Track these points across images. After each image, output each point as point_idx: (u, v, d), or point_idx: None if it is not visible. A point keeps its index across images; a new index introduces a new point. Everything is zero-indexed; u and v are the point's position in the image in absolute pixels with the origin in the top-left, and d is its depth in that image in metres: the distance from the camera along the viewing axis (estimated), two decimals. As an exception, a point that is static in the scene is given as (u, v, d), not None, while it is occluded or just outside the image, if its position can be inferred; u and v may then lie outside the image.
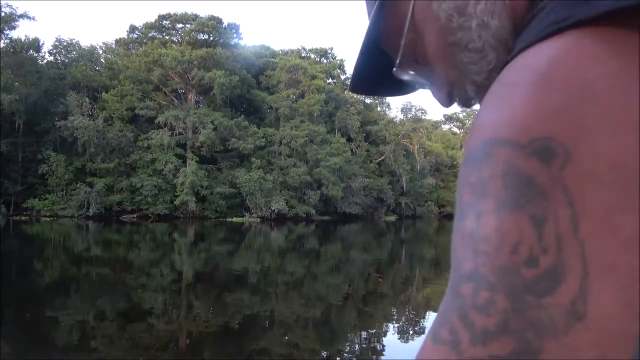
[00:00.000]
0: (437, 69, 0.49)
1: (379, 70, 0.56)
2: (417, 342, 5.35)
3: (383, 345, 5.28)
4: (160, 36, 41.77)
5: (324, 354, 4.95)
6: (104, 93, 37.25)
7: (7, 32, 34.27)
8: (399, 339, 5.59)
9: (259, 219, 35.36)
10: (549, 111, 0.31)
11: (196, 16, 40.56)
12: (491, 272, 0.30)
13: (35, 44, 36.16)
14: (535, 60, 0.33)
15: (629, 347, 0.28)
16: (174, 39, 41.64)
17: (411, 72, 0.53)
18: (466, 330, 0.30)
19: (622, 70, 0.30)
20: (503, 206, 0.30)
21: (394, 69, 0.52)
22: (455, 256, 0.33)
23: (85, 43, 52.84)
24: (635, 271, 0.28)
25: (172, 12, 41.39)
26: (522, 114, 0.32)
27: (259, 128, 39.76)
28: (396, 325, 6.33)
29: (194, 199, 34.56)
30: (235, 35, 42.56)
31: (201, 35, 40.56)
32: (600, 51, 0.31)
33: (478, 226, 0.31)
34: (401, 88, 0.59)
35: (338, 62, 51.60)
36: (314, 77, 44.34)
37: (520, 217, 0.30)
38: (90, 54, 40.12)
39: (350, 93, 49.01)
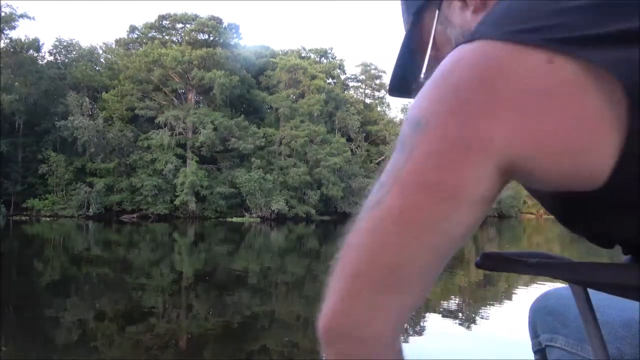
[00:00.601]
0: None
1: (412, 77, 0.69)
2: (418, 342, 5.34)
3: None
4: (160, 36, 41.74)
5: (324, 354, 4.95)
6: (104, 93, 37.22)
7: (7, 32, 34.27)
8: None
9: (259, 219, 35.33)
10: (427, 98, 0.49)
11: (196, 16, 40.53)
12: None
13: (35, 44, 36.14)
14: (448, 58, 0.50)
15: (422, 230, 0.48)
16: (174, 39, 41.62)
17: None
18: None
19: (488, 71, 0.46)
20: (391, 158, 0.51)
21: (421, 77, 0.67)
22: None
23: (85, 43, 52.78)
24: (418, 197, 0.47)
25: (172, 12, 41.38)
26: (417, 99, 0.50)
27: (259, 128, 39.73)
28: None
29: (194, 199, 34.54)
30: (235, 35, 42.55)
31: (201, 35, 40.54)
32: (490, 59, 0.46)
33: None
34: None
35: (338, 62, 51.57)
36: (314, 77, 44.30)
37: (389, 162, 0.51)
38: (90, 54, 40.09)
39: (351, 93, 48.82)
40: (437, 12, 0.66)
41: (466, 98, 0.46)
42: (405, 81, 0.72)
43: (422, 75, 0.67)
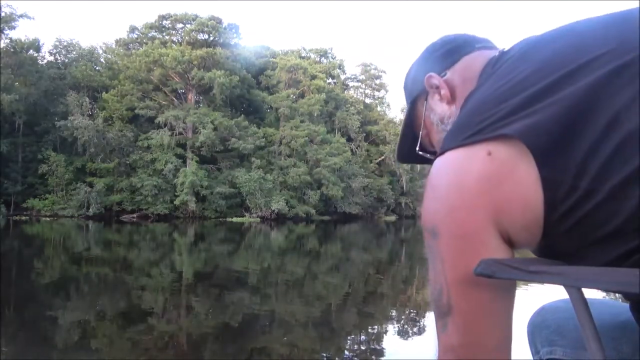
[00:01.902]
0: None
1: (412, 149, 0.91)
2: (418, 342, 5.35)
3: (383, 345, 5.28)
4: (161, 36, 41.72)
5: (324, 354, 4.95)
6: (104, 93, 37.20)
7: (7, 32, 34.23)
8: (399, 338, 5.59)
9: (259, 219, 35.33)
10: (429, 209, 0.66)
11: (196, 16, 40.50)
12: (431, 290, 0.68)
13: (35, 44, 36.10)
14: (432, 170, 0.68)
15: (484, 328, 0.63)
16: (174, 39, 41.58)
17: (427, 155, 0.89)
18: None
19: (460, 179, 0.63)
20: (429, 262, 0.67)
21: (417, 150, 0.90)
22: None
23: (85, 43, 52.75)
24: (469, 285, 0.62)
25: (172, 12, 41.33)
26: (424, 209, 0.67)
27: (259, 128, 39.72)
28: (396, 325, 6.33)
29: (194, 199, 34.52)
30: (235, 35, 42.51)
31: (201, 35, 40.51)
32: (455, 166, 0.64)
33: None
34: (429, 160, 0.89)
35: (338, 62, 51.55)
36: (314, 77, 44.29)
37: (431, 267, 0.66)
38: (90, 54, 40.04)
39: (351, 93, 49.10)
40: (425, 102, 0.87)
41: (450, 201, 0.63)
42: (407, 151, 0.93)
43: (417, 148, 0.89)
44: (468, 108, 0.71)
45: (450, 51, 0.84)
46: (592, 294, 0.66)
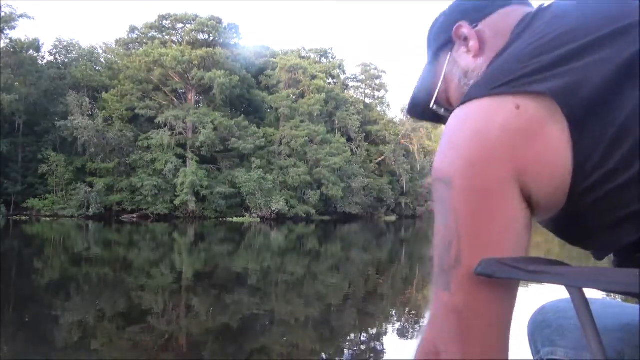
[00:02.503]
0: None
1: (426, 104, 0.85)
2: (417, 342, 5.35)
3: (383, 345, 5.28)
4: (161, 36, 41.70)
5: (324, 354, 4.94)
6: (104, 93, 37.18)
7: (7, 32, 34.22)
8: (399, 338, 5.59)
9: (258, 219, 35.32)
10: (445, 159, 0.60)
11: (196, 16, 40.48)
12: (436, 244, 0.63)
13: (35, 44, 36.07)
14: (450, 119, 0.63)
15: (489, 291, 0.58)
16: (174, 39, 41.56)
17: (442, 111, 0.84)
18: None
19: (484, 129, 0.58)
20: (437, 214, 0.62)
21: (431, 105, 0.83)
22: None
23: (85, 43, 52.70)
24: (483, 242, 0.57)
25: (172, 12, 41.26)
26: (439, 159, 0.62)
27: (259, 128, 39.70)
28: (396, 325, 6.33)
29: (194, 199, 34.51)
30: (235, 35, 42.49)
31: (201, 35, 40.49)
32: (478, 115, 0.60)
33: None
34: (441, 118, 0.86)
35: (338, 62, 51.48)
36: (314, 77, 44.26)
37: (441, 220, 0.61)
38: (90, 54, 40.01)
39: (351, 93, 48.98)
40: (449, 54, 0.80)
41: (470, 151, 0.58)
42: (420, 106, 0.87)
43: (432, 104, 0.83)
44: (498, 61, 0.67)
45: (484, 2, 0.79)
46: (593, 294, 0.67)
